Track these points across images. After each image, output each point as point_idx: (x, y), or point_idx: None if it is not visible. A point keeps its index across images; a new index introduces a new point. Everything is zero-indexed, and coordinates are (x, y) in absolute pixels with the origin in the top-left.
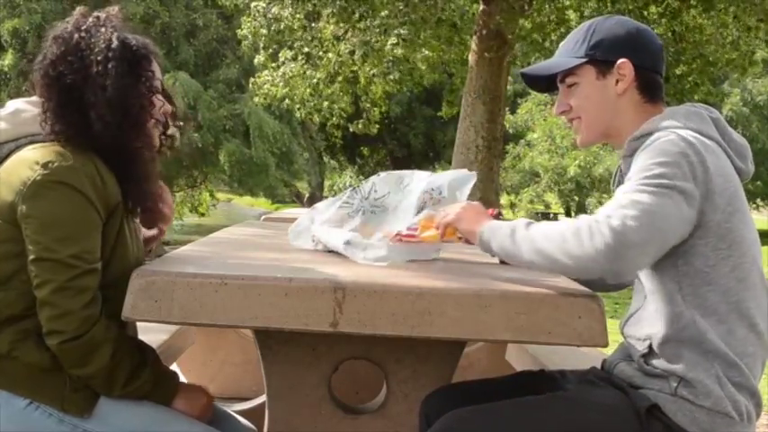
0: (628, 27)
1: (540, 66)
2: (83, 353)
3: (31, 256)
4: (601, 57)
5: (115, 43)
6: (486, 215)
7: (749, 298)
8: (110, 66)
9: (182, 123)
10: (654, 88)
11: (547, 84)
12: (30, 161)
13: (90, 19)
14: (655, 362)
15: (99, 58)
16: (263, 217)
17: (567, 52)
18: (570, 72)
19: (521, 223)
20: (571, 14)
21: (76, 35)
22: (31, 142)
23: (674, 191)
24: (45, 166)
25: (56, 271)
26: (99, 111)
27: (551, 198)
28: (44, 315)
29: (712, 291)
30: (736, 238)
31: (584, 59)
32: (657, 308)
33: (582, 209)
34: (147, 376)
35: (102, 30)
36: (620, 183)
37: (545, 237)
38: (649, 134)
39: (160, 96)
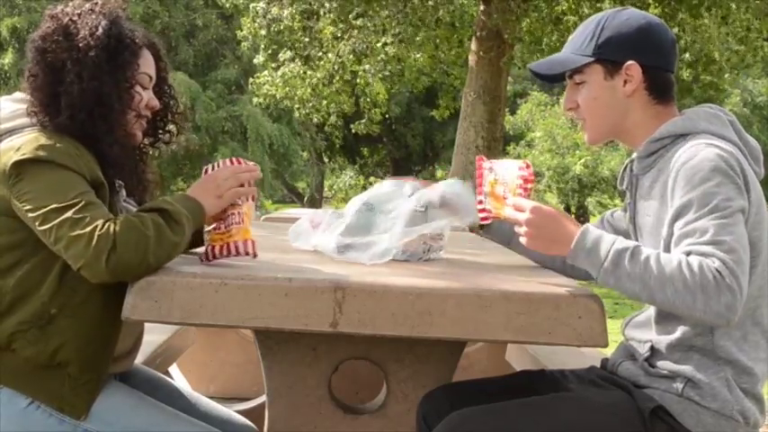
0: (638, 24)
1: (549, 62)
2: (133, 248)
3: (37, 224)
4: (609, 57)
5: (99, 31)
6: (561, 228)
7: (764, 305)
8: (90, 53)
9: (178, 120)
10: (664, 88)
11: (554, 75)
12: (5, 151)
13: (87, 4)
14: (660, 363)
15: (81, 44)
16: (263, 217)
17: (575, 48)
18: (578, 70)
19: (622, 256)
20: (570, 17)
21: (68, 17)
22: (11, 134)
23: (740, 213)
24: (18, 150)
25: (62, 214)
26: (70, 99)
27: (551, 198)
28: (74, 254)
29: None
30: (759, 246)
31: (591, 59)
32: (672, 314)
33: (582, 208)
34: (174, 214)
35: (93, 16)
36: (631, 182)
37: (668, 282)
38: (673, 138)
39: (141, 89)
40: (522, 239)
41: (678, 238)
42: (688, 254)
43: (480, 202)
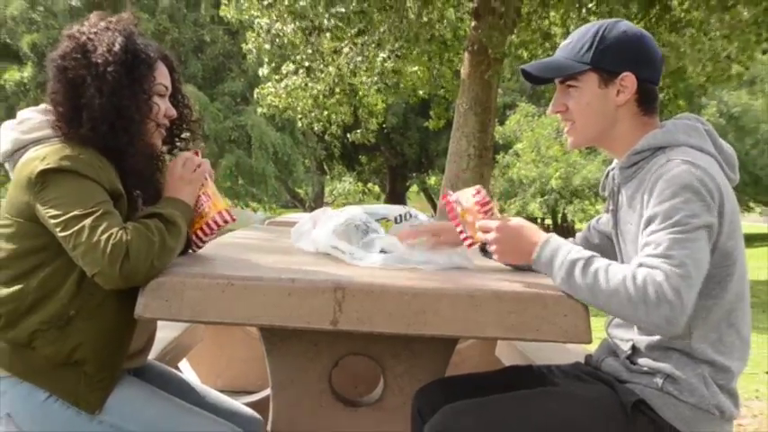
0: (635, 37)
1: (544, 65)
2: (144, 256)
3: (58, 232)
4: (606, 66)
5: (117, 47)
6: (524, 240)
7: (739, 308)
8: (109, 69)
9: (193, 127)
10: (651, 100)
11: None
12: (32, 159)
13: (102, 22)
14: (641, 360)
15: (99, 60)
16: (267, 221)
17: (571, 54)
18: (573, 76)
19: (574, 268)
20: (557, 30)
21: (85, 36)
22: (36, 145)
23: (703, 230)
24: (43, 159)
25: (81, 221)
26: (91, 112)
27: (535, 207)
28: (90, 261)
29: (715, 305)
30: (734, 255)
31: (588, 66)
32: None
33: (563, 218)
34: (170, 218)
35: (109, 33)
36: (614, 189)
37: (612, 296)
38: (653, 150)
39: (158, 100)
40: (495, 256)
41: (640, 247)
42: (640, 265)
43: (461, 232)
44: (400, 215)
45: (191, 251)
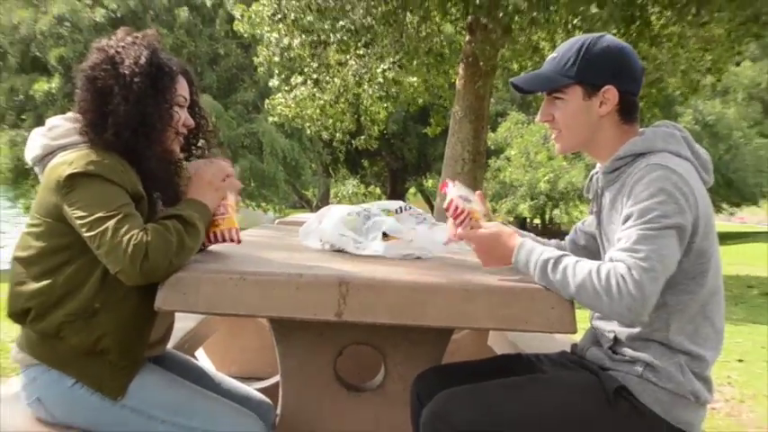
0: (617, 51)
1: (533, 78)
2: (162, 255)
3: (84, 232)
4: (589, 80)
5: (142, 60)
6: (501, 246)
7: (713, 301)
8: (135, 80)
9: (209, 137)
10: (632, 110)
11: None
12: (60, 164)
13: (129, 37)
14: (622, 350)
15: (127, 71)
16: (277, 221)
17: (557, 68)
18: (559, 89)
19: (546, 267)
20: (545, 44)
21: (114, 49)
22: (64, 150)
23: (673, 229)
24: (70, 164)
25: (105, 223)
26: (116, 118)
27: (524, 208)
28: (112, 260)
29: (691, 299)
30: (708, 253)
31: (573, 80)
32: None
33: (550, 219)
34: (189, 219)
35: (135, 47)
36: (598, 192)
37: (579, 289)
38: (634, 156)
39: (179, 110)
40: (480, 262)
41: (615, 241)
42: (610, 259)
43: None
44: (400, 207)
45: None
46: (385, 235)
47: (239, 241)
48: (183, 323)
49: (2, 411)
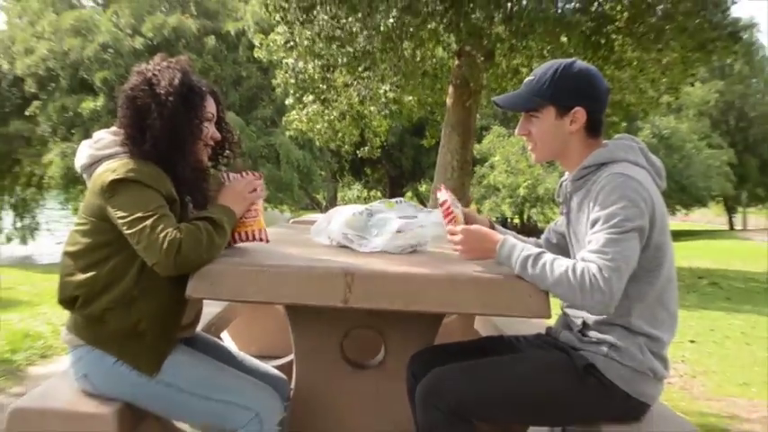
0: (586, 76)
1: (513, 98)
2: (193, 250)
3: (125, 230)
4: (561, 102)
5: (176, 82)
6: (486, 241)
7: (668, 289)
8: (170, 99)
9: (233, 148)
10: (598, 127)
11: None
12: (104, 171)
13: (164, 62)
14: (590, 333)
15: (162, 92)
16: (291, 221)
17: (533, 89)
18: (534, 108)
19: (527, 262)
20: (523, 68)
21: (151, 72)
22: (108, 159)
23: (635, 231)
24: (114, 171)
25: (143, 222)
26: (153, 132)
27: (506, 208)
28: (149, 254)
29: (649, 288)
30: (664, 248)
31: (547, 102)
32: None
33: (528, 218)
34: (217, 221)
35: (170, 71)
36: (567, 196)
37: (556, 284)
38: (597, 166)
39: (207, 125)
40: (461, 256)
41: (585, 244)
42: (582, 259)
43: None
44: (398, 200)
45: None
46: (399, 231)
47: (267, 240)
48: (210, 309)
49: (55, 385)
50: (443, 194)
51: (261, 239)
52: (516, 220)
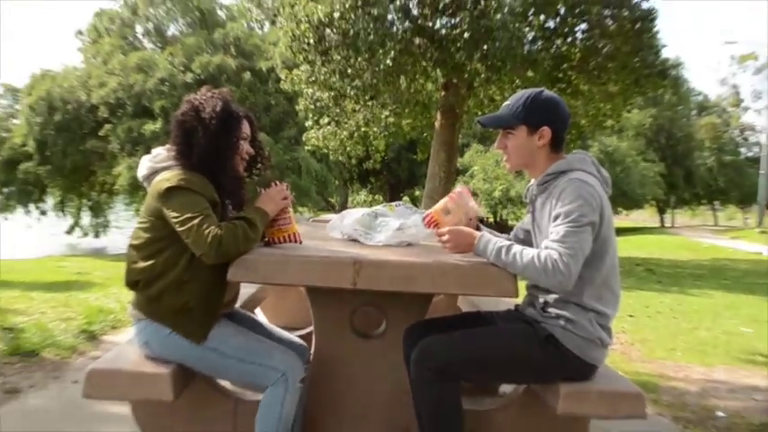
0: (552, 102)
1: (494, 118)
2: (232, 244)
3: (177, 227)
4: (532, 122)
5: (218, 108)
6: (467, 238)
7: (612, 274)
8: (213, 122)
9: (265, 162)
10: (560, 143)
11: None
12: (161, 180)
13: (209, 92)
14: (550, 309)
15: (207, 116)
16: (311, 220)
17: (510, 111)
18: (511, 126)
19: (500, 252)
20: (497, 97)
21: (198, 100)
22: (163, 170)
23: (589, 226)
24: (168, 180)
25: (192, 221)
26: (199, 149)
27: (484, 210)
28: (197, 247)
29: (596, 272)
30: (609, 240)
31: (521, 122)
32: None
33: (501, 217)
34: (252, 220)
35: (213, 99)
36: (533, 197)
37: (525, 268)
38: (558, 173)
39: (243, 143)
40: (448, 251)
41: (548, 234)
42: (546, 247)
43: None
44: (397, 204)
45: (265, 244)
46: (398, 229)
47: (300, 242)
48: (246, 290)
49: (124, 350)
50: (437, 206)
51: (295, 241)
52: (491, 219)
